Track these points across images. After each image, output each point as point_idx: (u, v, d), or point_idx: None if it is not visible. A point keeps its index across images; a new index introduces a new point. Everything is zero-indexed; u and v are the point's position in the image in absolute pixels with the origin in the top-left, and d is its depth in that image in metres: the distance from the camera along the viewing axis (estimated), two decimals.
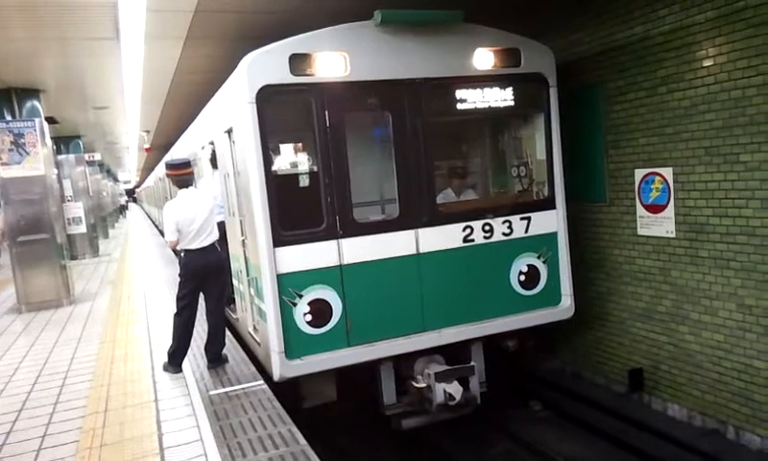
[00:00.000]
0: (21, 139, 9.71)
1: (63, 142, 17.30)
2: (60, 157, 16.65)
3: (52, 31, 7.05)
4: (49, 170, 10.19)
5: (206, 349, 6.25)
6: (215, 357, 6.20)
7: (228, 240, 7.66)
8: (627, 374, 7.02)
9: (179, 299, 6.02)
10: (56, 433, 4.90)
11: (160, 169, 14.83)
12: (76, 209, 16.63)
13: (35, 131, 9.81)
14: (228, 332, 7.53)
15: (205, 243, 5.93)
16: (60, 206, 11.57)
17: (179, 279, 6.07)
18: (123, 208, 50.79)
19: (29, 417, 5.31)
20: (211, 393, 5.51)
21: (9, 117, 10.07)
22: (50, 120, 11.31)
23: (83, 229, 16.86)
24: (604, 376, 7.57)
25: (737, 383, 5.88)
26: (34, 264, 10.05)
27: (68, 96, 11.42)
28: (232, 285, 7.73)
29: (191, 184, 6.13)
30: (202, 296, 6.14)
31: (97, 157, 21.30)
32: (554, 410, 7.48)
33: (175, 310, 6.05)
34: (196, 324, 6.19)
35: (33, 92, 10.33)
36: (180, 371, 6.11)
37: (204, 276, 5.98)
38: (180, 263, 6.12)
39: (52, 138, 11.07)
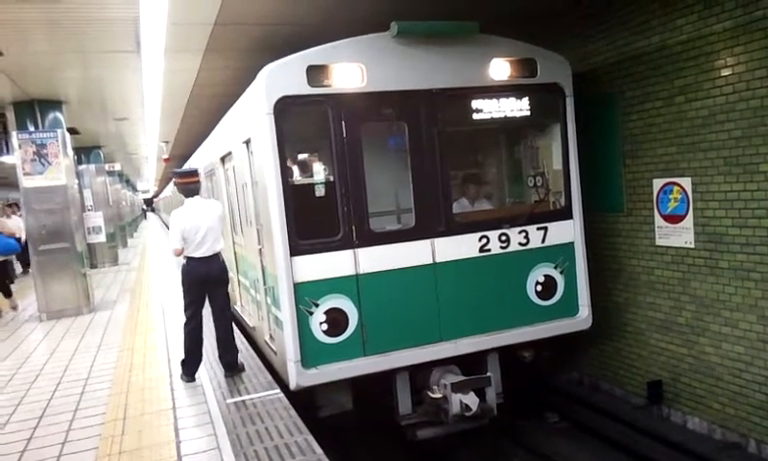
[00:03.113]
0: (44, 150, 9.91)
1: (84, 152, 17.59)
2: (80, 168, 16.94)
3: (74, 44, 7.19)
4: (70, 180, 10.37)
5: (221, 358, 6.29)
6: (231, 365, 6.24)
7: (245, 249, 7.71)
8: (646, 385, 6.94)
9: (185, 308, 6.11)
10: (75, 440, 4.98)
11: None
12: (96, 219, 16.86)
13: (57, 141, 10.01)
14: (244, 341, 7.60)
15: (208, 252, 5.99)
16: (81, 216, 11.76)
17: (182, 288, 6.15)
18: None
19: (49, 423, 5.40)
20: (228, 401, 5.55)
21: (32, 128, 10.26)
22: (72, 131, 11.51)
23: (102, 238, 17.08)
24: (622, 387, 7.48)
25: (758, 396, 5.78)
26: (54, 273, 10.23)
27: (89, 107, 11.61)
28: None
29: (198, 193, 6.22)
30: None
31: (117, 167, 21.62)
32: (571, 422, 7.40)
33: (183, 320, 6.12)
34: (208, 333, 6.24)
35: (55, 104, 10.52)
36: (194, 380, 6.16)
37: (205, 284, 6.04)
38: (181, 271, 6.19)
39: (73, 149, 11.26)
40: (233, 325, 6.45)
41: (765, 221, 5.50)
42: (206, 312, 6.22)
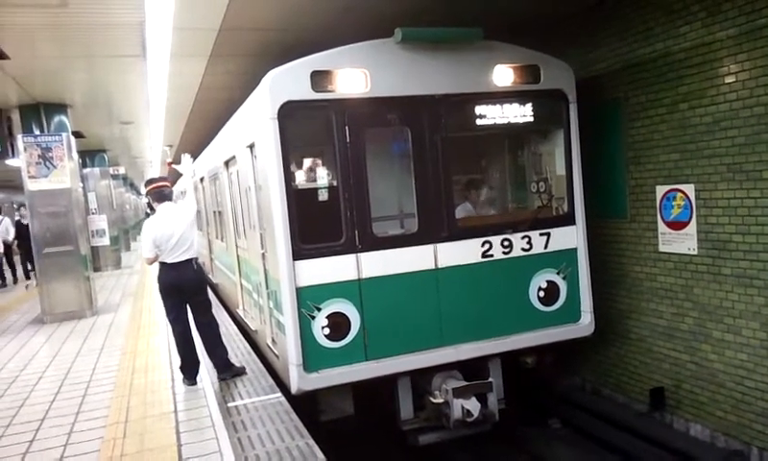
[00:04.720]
0: (49, 153, 9.96)
1: (89, 156, 17.64)
2: (85, 171, 16.98)
3: (80, 48, 7.23)
4: (75, 183, 10.41)
5: (211, 360, 6.32)
6: (224, 366, 6.25)
7: (248, 253, 7.73)
8: (648, 392, 6.92)
9: (167, 314, 6.18)
10: (77, 442, 4.98)
11: (180, 184, 15.02)
12: (100, 222, 16.90)
13: (62, 145, 10.05)
14: (246, 344, 7.61)
15: (180, 259, 6.00)
16: (85, 219, 11.79)
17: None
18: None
19: (51, 426, 5.40)
20: (230, 404, 5.57)
21: (37, 131, 10.31)
22: (77, 134, 11.54)
23: (106, 241, 17.12)
24: (625, 394, 7.46)
25: (761, 403, 5.76)
26: (58, 276, 10.24)
27: (95, 111, 11.67)
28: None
29: (170, 198, 6.26)
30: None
31: (121, 170, 21.64)
32: (573, 428, 7.38)
33: (169, 326, 6.17)
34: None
35: (60, 107, 10.57)
36: (195, 383, 6.17)
37: (179, 290, 6.06)
38: (157, 278, 6.20)
39: (78, 152, 11.29)
40: (219, 328, 6.47)
41: None
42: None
